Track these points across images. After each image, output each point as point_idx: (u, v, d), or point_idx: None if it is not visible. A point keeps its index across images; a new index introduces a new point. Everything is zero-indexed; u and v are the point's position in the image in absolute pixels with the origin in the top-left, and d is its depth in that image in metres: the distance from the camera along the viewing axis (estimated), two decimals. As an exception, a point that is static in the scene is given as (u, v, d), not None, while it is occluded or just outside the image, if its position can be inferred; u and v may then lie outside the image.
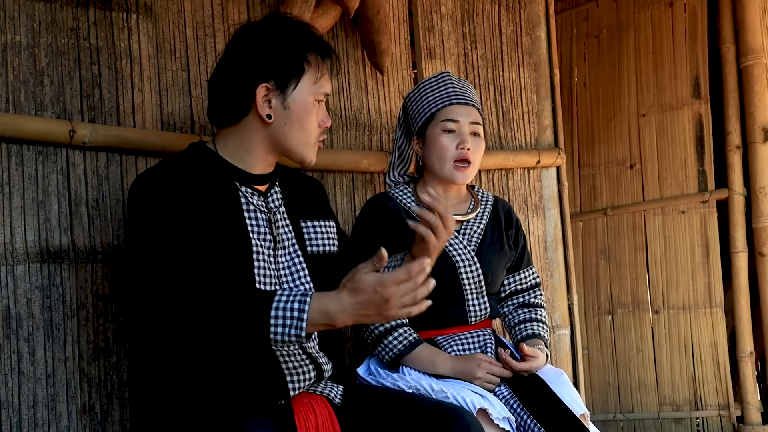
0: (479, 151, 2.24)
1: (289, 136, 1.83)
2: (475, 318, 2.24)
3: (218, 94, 1.85)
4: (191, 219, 1.69)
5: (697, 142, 3.89)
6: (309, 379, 1.79)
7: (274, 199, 1.88)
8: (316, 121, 1.85)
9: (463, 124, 2.21)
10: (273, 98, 1.80)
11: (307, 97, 1.82)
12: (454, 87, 2.27)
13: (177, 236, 1.66)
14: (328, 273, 1.92)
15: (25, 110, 1.96)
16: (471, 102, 2.25)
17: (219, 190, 1.79)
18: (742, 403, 3.72)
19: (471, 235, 2.26)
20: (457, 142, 2.20)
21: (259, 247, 1.78)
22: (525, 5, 3.14)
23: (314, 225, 1.95)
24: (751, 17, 3.70)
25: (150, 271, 1.65)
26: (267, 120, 1.80)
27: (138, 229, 1.70)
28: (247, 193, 1.83)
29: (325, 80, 1.85)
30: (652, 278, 4.00)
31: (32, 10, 2.00)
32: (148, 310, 1.66)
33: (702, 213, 3.85)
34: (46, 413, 1.90)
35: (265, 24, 1.86)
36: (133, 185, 1.76)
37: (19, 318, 1.88)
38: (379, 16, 2.56)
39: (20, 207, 1.91)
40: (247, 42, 1.83)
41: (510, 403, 2.07)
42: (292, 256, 1.87)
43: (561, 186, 3.14)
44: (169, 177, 1.73)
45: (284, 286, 1.83)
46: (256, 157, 1.85)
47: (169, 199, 1.69)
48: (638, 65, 4.10)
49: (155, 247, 1.66)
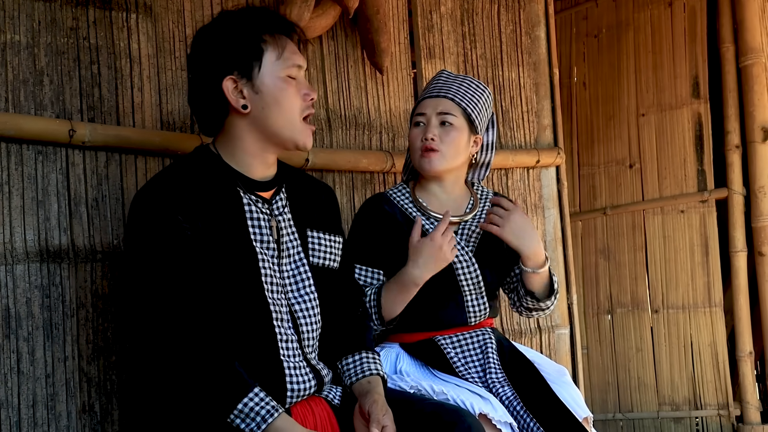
0: (451, 140, 2.20)
1: (271, 119, 1.80)
2: (474, 319, 2.24)
3: (197, 106, 1.86)
4: (188, 247, 1.69)
5: (697, 142, 3.89)
6: (309, 388, 1.80)
7: (279, 206, 1.87)
8: (295, 96, 1.81)
9: (431, 115, 2.21)
10: (243, 88, 1.78)
11: (275, 75, 1.79)
12: (437, 83, 2.27)
13: (168, 276, 1.67)
14: (327, 287, 1.92)
15: (25, 110, 1.95)
16: (444, 94, 2.23)
17: (222, 199, 1.78)
18: (741, 403, 3.73)
19: (469, 235, 2.25)
20: (422, 133, 2.21)
21: (264, 255, 1.78)
22: (524, 5, 3.14)
23: (320, 237, 1.93)
24: (751, 17, 3.71)
25: (139, 301, 1.67)
26: (244, 111, 1.79)
27: (132, 255, 1.72)
28: (251, 200, 1.82)
29: (290, 52, 1.81)
30: (651, 278, 4.01)
31: (32, 10, 1.99)
32: (134, 331, 1.70)
33: (701, 212, 3.86)
34: (45, 413, 1.90)
35: (214, 22, 1.85)
36: (134, 202, 1.76)
37: (19, 317, 1.88)
38: (379, 15, 2.56)
39: (20, 206, 1.91)
40: (202, 44, 1.83)
41: (513, 405, 2.07)
42: (297, 264, 1.86)
43: (560, 185, 3.14)
44: (168, 195, 1.72)
45: (289, 296, 1.82)
46: (253, 156, 1.84)
47: (165, 227, 1.69)
48: (638, 65, 4.10)
49: (146, 280, 1.67)
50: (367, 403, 1.77)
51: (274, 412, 1.60)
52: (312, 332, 1.84)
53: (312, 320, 1.84)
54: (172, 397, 1.64)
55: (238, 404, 1.59)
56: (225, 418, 1.59)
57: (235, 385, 1.61)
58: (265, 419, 1.59)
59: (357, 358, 1.90)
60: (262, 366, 1.72)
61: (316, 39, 2.59)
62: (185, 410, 1.62)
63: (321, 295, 1.88)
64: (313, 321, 1.84)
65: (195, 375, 1.61)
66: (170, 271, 1.67)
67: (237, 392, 1.60)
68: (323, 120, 2.59)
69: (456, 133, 2.21)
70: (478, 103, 2.26)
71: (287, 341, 1.78)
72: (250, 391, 1.61)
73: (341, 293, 1.98)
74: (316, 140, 2.56)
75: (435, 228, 2.10)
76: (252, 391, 1.61)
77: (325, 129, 2.59)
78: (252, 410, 1.59)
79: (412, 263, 2.09)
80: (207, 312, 1.70)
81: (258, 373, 1.69)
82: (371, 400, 1.77)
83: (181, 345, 1.63)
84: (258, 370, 1.70)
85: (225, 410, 1.59)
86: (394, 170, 2.69)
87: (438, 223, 2.13)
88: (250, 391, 1.61)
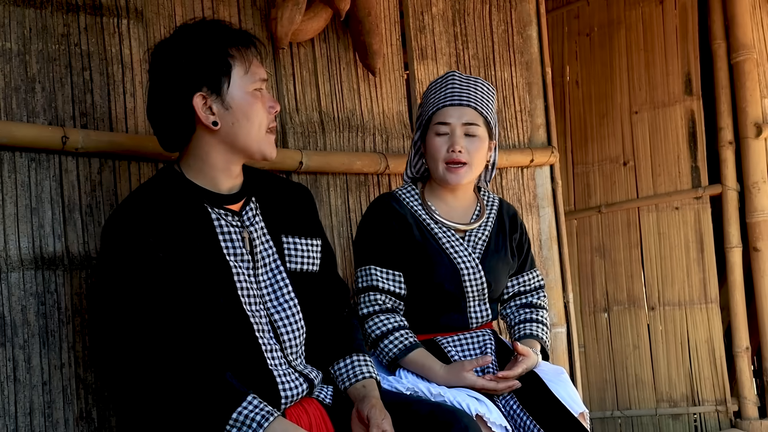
0: (477, 151, 2.21)
1: (241, 135, 1.79)
2: (476, 323, 2.24)
3: (160, 121, 1.83)
4: (161, 269, 1.69)
5: (690, 139, 3.89)
6: (302, 392, 1.80)
7: (249, 216, 1.86)
8: (261, 109, 1.81)
9: (455, 125, 2.20)
10: (212, 104, 1.76)
11: (244, 90, 1.78)
12: (453, 87, 2.24)
13: (144, 300, 1.67)
14: (308, 291, 1.92)
15: (17, 117, 1.95)
16: (466, 102, 2.21)
17: (190, 217, 1.77)
18: (738, 398, 3.73)
19: (476, 242, 2.26)
20: (448, 144, 2.20)
21: (238, 268, 1.78)
22: (516, 4, 3.15)
23: (296, 242, 1.91)
24: (742, 13, 3.71)
25: (119, 328, 1.67)
26: (213, 127, 1.77)
27: (107, 282, 1.71)
28: (220, 215, 1.81)
29: (255, 67, 1.81)
30: (647, 275, 4.01)
31: (23, 17, 1.99)
32: (115, 356, 1.68)
33: (696, 209, 3.86)
34: (42, 420, 1.90)
35: (176, 37, 1.82)
36: (104, 230, 1.76)
37: (14, 325, 1.87)
38: (370, 17, 2.56)
39: (13, 214, 1.91)
40: (167, 60, 1.79)
41: (510, 404, 2.07)
42: (274, 272, 1.86)
43: (555, 184, 3.14)
44: (137, 220, 1.71)
45: (268, 305, 1.82)
46: (219, 170, 1.82)
47: (137, 252, 1.68)
48: (630, 63, 4.10)
49: (123, 307, 1.67)
50: (365, 407, 1.77)
51: (269, 416, 1.60)
52: (294, 339, 1.84)
53: (293, 327, 1.84)
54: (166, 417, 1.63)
55: (232, 414, 1.59)
56: (221, 430, 1.59)
57: (228, 395, 1.61)
58: (261, 424, 1.58)
59: (348, 362, 1.90)
60: (253, 377, 1.73)
61: (308, 42, 2.60)
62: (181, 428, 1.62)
63: (302, 301, 1.88)
64: (294, 328, 1.84)
65: (185, 393, 1.60)
66: (146, 294, 1.67)
67: (230, 402, 1.60)
68: (316, 123, 2.60)
69: (480, 144, 2.22)
70: (493, 108, 2.27)
71: (272, 350, 1.78)
72: (243, 400, 1.61)
73: (325, 295, 1.98)
74: (310, 143, 2.56)
75: (486, 377, 2.08)
76: (245, 399, 1.61)
77: (319, 132, 2.59)
78: (247, 417, 1.59)
79: (445, 379, 2.08)
80: (190, 330, 1.70)
81: (251, 383, 1.70)
82: (369, 405, 1.77)
83: (167, 365, 1.62)
84: (250, 381, 1.71)
85: (220, 422, 1.59)
86: (388, 172, 2.69)
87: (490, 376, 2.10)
88: (244, 399, 1.61)
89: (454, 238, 2.23)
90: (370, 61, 2.64)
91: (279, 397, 1.74)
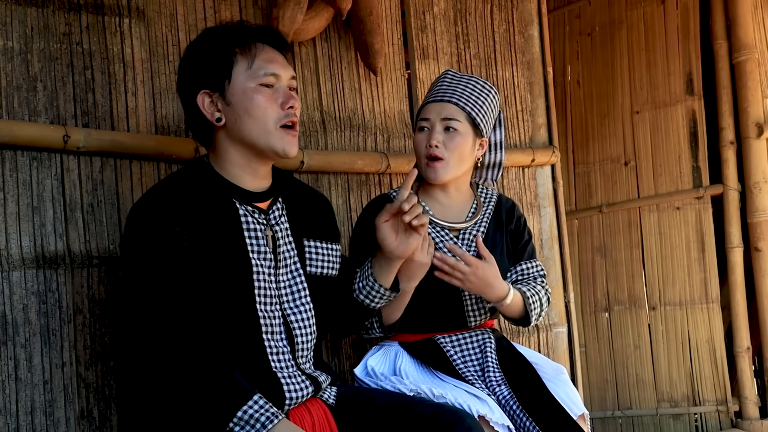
0: (456, 147, 2.17)
1: (244, 130, 1.79)
2: (474, 322, 2.24)
3: (188, 122, 1.90)
4: (186, 258, 1.70)
5: (691, 139, 3.89)
6: (307, 394, 1.81)
7: (276, 216, 1.87)
8: (267, 104, 1.79)
9: (435, 121, 2.18)
10: (217, 101, 1.80)
11: (245, 86, 1.78)
12: (441, 85, 2.24)
13: (167, 286, 1.67)
14: (325, 295, 1.93)
15: (19, 116, 1.95)
16: (447, 98, 2.19)
17: (218, 210, 1.78)
18: (739, 398, 3.74)
19: (471, 241, 2.24)
20: (427, 140, 2.19)
21: (259, 266, 1.78)
22: (517, 4, 3.15)
23: (317, 246, 1.94)
24: (743, 13, 3.72)
25: (138, 312, 1.68)
26: (219, 124, 1.80)
27: (130, 267, 1.72)
28: (248, 211, 1.82)
29: (264, 61, 1.80)
30: (648, 275, 4.01)
31: (24, 16, 1.99)
32: (133, 340, 1.70)
33: (697, 209, 3.86)
34: (44, 419, 1.90)
35: (195, 39, 1.90)
36: (131, 214, 1.76)
37: (16, 324, 1.87)
38: (372, 17, 2.56)
39: (15, 213, 1.91)
40: (182, 62, 1.87)
41: (510, 404, 2.07)
42: (294, 274, 1.87)
43: (556, 184, 3.14)
44: (165, 207, 1.72)
45: (284, 306, 1.83)
46: (241, 167, 1.84)
47: (162, 239, 1.69)
48: (631, 62, 4.11)
49: (145, 292, 1.68)
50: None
51: (274, 419, 1.60)
52: (307, 342, 1.85)
53: (307, 330, 1.85)
54: (172, 405, 1.64)
55: (237, 412, 1.59)
56: (225, 426, 1.59)
57: (235, 392, 1.61)
58: (264, 425, 1.58)
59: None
60: (258, 376, 1.73)
61: (310, 41, 2.60)
62: (185, 419, 1.62)
63: (317, 305, 1.89)
64: (308, 331, 1.85)
65: (194, 384, 1.61)
66: (168, 282, 1.67)
67: (236, 400, 1.60)
68: (318, 122, 2.60)
69: (460, 139, 2.18)
70: (483, 106, 2.22)
71: (278, 353, 1.79)
72: (249, 399, 1.61)
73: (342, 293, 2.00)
74: (311, 142, 2.56)
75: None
76: (251, 398, 1.61)
77: (320, 131, 2.59)
78: (252, 417, 1.59)
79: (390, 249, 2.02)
80: (205, 322, 1.71)
81: (255, 382, 1.70)
82: None
83: (180, 354, 1.63)
84: (255, 380, 1.71)
85: (225, 418, 1.59)
86: (389, 171, 2.69)
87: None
88: (250, 398, 1.61)
89: (447, 238, 2.22)
90: (371, 61, 2.64)
91: (283, 398, 1.74)
